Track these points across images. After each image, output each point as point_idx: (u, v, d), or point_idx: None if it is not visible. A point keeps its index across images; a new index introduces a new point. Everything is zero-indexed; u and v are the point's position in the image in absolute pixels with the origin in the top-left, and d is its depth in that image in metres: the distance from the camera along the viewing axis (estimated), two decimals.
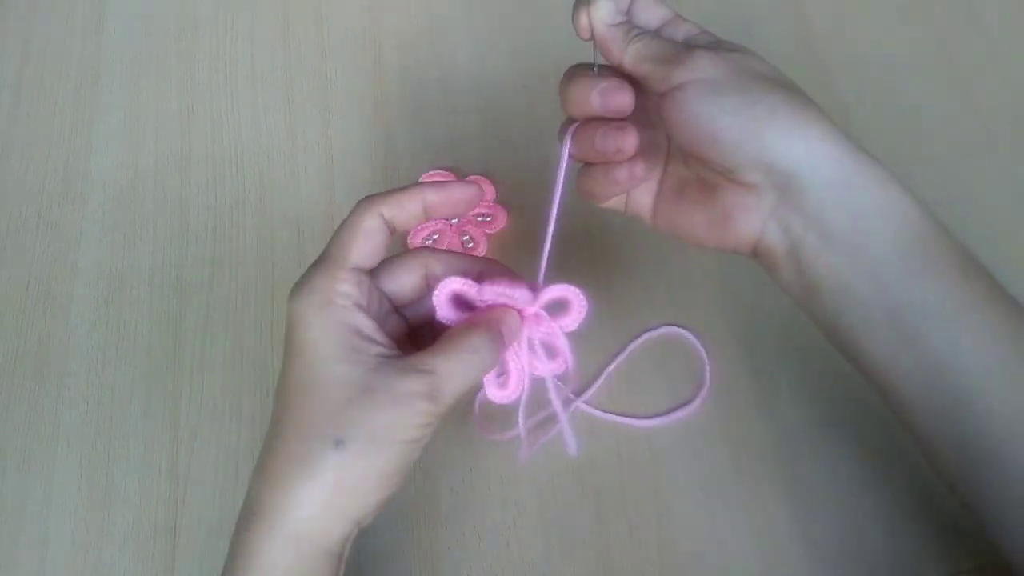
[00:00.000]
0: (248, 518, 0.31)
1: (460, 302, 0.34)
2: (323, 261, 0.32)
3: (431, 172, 0.50)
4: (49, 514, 0.42)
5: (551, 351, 0.36)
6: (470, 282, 0.33)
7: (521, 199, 0.50)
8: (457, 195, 0.35)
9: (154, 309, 0.47)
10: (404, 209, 0.34)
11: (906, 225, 0.32)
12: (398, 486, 0.32)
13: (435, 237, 0.48)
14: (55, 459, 0.43)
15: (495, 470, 0.43)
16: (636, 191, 0.38)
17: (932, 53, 0.56)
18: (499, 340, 0.33)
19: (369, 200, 0.33)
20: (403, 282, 0.35)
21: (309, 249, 0.48)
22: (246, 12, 0.57)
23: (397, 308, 0.35)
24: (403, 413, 0.31)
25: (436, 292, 0.33)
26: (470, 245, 0.48)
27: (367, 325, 0.32)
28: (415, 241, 0.48)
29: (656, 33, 0.37)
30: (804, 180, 0.32)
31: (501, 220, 0.49)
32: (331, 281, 0.32)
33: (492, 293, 0.33)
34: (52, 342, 0.46)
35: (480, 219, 0.49)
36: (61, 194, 0.50)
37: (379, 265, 0.34)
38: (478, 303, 0.33)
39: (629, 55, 0.35)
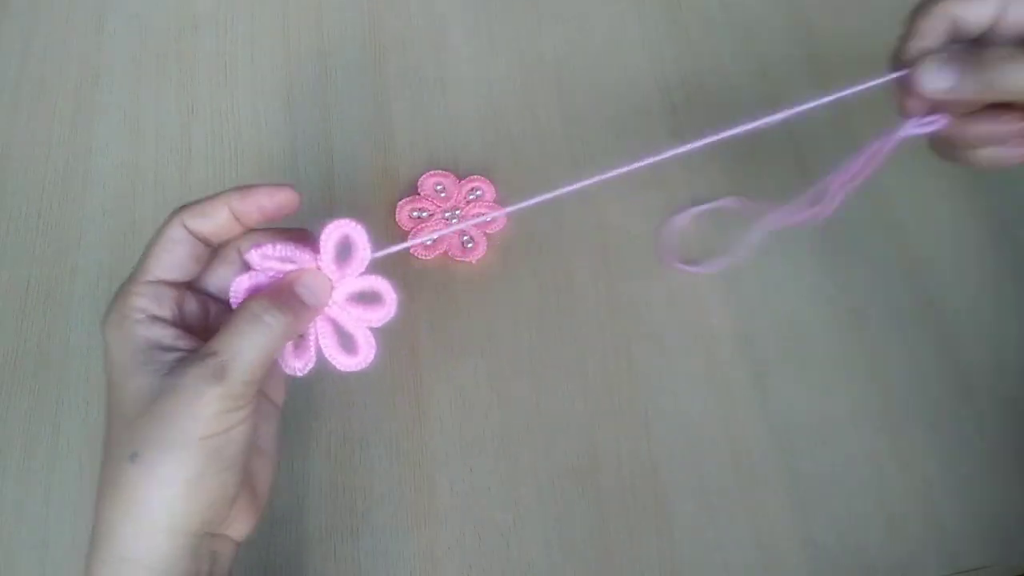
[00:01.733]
0: (91, 543, 0.30)
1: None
2: (127, 279, 0.32)
3: (431, 172, 0.50)
4: (49, 514, 0.42)
5: (350, 344, 0.34)
6: (258, 253, 0.32)
7: (521, 199, 0.50)
8: (264, 200, 0.33)
9: None
10: (209, 218, 0.32)
11: None
12: (229, 484, 0.30)
13: (434, 237, 0.48)
14: (55, 459, 0.43)
15: (495, 470, 0.43)
16: None
17: None
18: (292, 302, 0.31)
19: (175, 211, 0.32)
20: (224, 276, 0.34)
21: None
22: (246, 12, 0.57)
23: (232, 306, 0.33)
24: (191, 407, 0.29)
25: (233, 288, 0.32)
26: (470, 245, 0.48)
27: (166, 335, 0.31)
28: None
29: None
30: None
31: (501, 220, 0.49)
32: (125, 297, 0.31)
33: (271, 258, 0.32)
34: (52, 342, 0.46)
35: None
36: (61, 194, 0.50)
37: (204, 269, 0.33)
38: (258, 269, 0.32)
39: (1008, 92, 0.32)
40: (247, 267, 0.33)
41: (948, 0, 0.34)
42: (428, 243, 0.48)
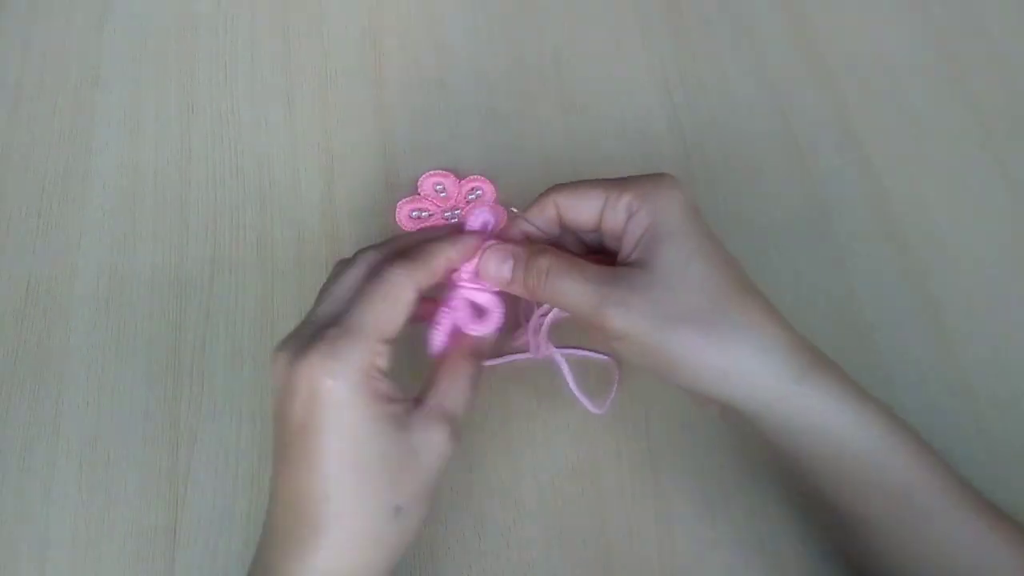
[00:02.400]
0: None
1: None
2: (354, 332, 0.31)
3: (431, 172, 0.50)
4: (49, 514, 0.42)
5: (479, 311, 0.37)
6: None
7: (521, 199, 0.50)
8: (473, 243, 0.36)
9: (154, 309, 0.47)
10: (435, 277, 0.35)
11: (847, 449, 0.33)
12: None
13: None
14: (55, 459, 0.43)
15: (495, 470, 0.43)
16: None
17: (932, 53, 0.56)
18: (477, 358, 0.36)
19: (405, 270, 0.33)
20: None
21: (309, 249, 0.48)
22: (246, 12, 0.57)
23: None
24: (440, 463, 0.33)
25: (437, 337, 0.36)
26: None
27: (392, 387, 0.33)
28: None
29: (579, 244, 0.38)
30: (738, 407, 0.34)
31: (501, 220, 0.49)
32: (365, 354, 0.31)
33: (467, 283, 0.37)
34: (52, 342, 0.46)
35: None
36: (61, 194, 0.50)
37: None
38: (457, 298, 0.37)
39: (545, 300, 0.35)
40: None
41: (555, 193, 0.37)
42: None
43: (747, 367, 0.32)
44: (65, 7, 0.57)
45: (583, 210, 0.36)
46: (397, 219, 0.49)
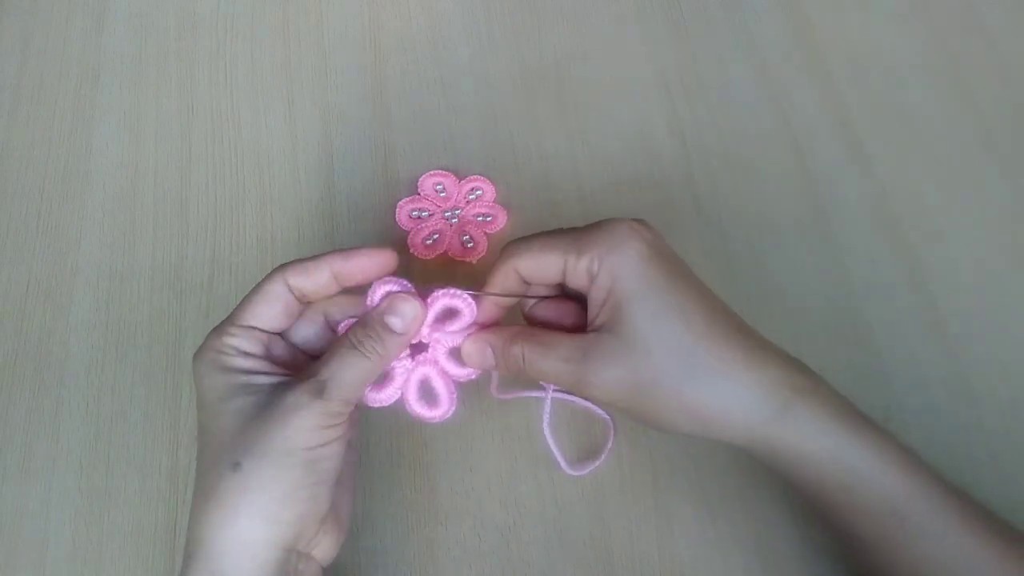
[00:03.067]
0: (183, 561, 0.32)
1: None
2: (222, 322, 0.35)
3: (431, 172, 0.50)
4: (49, 514, 0.42)
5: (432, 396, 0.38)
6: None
7: (521, 199, 0.50)
8: (364, 262, 0.36)
9: (154, 309, 0.47)
10: (311, 277, 0.35)
11: (828, 474, 0.33)
12: (322, 499, 0.32)
13: (435, 237, 0.48)
14: (55, 459, 0.43)
15: (495, 470, 0.43)
16: None
17: (932, 53, 0.56)
18: (385, 330, 0.34)
19: (280, 268, 0.35)
20: (306, 333, 0.37)
21: (309, 249, 0.48)
22: (246, 12, 0.57)
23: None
24: (293, 419, 0.31)
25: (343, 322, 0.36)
26: (470, 245, 0.48)
27: (260, 365, 0.34)
28: (415, 242, 0.48)
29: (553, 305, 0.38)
30: (729, 444, 0.34)
31: (501, 220, 0.49)
32: (220, 336, 0.34)
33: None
34: (52, 342, 0.46)
35: (480, 219, 0.49)
36: (61, 194, 0.50)
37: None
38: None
39: (533, 379, 0.36)
40: (332, 327, 0.37)
41: (513, 258, 0.36)
42: (429, 243, 0.48)
43: (726, 412, 0.33)
44: (65, 7, 0.57)
45: (544, 272, 0.36)
46: (397, 219, 0.49)
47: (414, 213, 0.49)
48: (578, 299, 0.37)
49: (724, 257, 0.48)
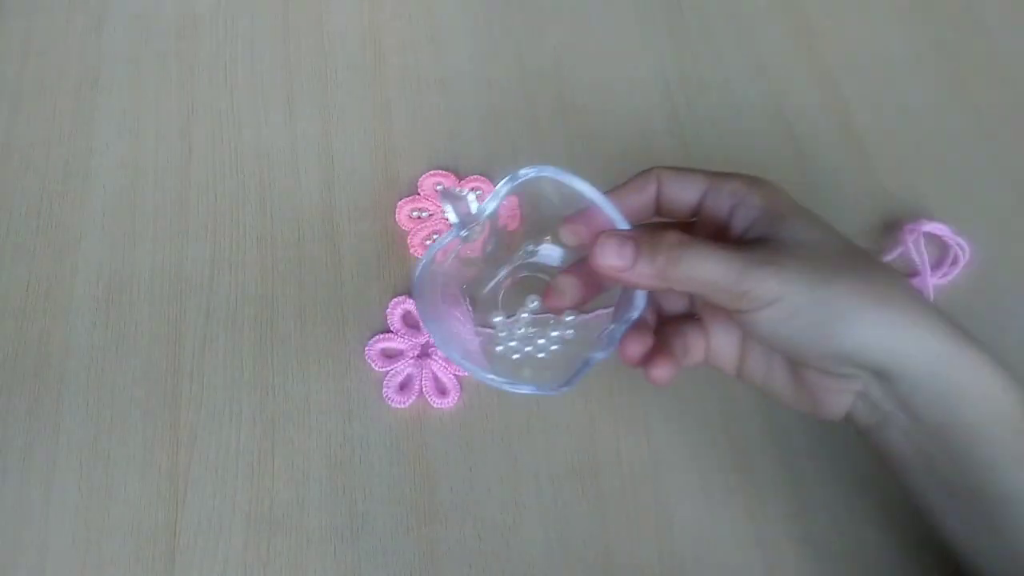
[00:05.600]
0: None
1: None
2: None
3: (431, 172, 0.50)
4: (49, 514, 0.42)
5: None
6: None
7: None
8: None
9: (154, 309, 0.47)
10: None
11: (1002, 420, 0.31)
12: None
13: (435, 237, 0.48)
14: (55, 459, 0.43)
15: (495, 470, 0.43)
16: (717, 343, 0.36)
17: (932, 53, 0.56)
18: None
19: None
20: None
21: (309, 249, 0.48)
22: (246, 12, 0.57)
23: None
24: None
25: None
26: None
27: None
28: (415, 242, 0.48)
29: (700, 218, 0.34)
30: (895, 372, 0.31)
31: (511, 222, 0.49)
32: None
33: None
34: (52, 342, 0.46)
35: None
36: (61, 194, 0.50)
37: None
38: None
39: (676, 280, 0.32)
40: None
41: (661, 170, 0.35)
42: (428, 243, 0.48)
43: (912, 321, 0.30)
44: (65, 7, 0.57)
45: (684, 191, 0.35)
46: (397, 219, 0.49)
47: (414, 213, 0.49)
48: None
49: None
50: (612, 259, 0.32)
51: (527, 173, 0.34)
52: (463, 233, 0.35)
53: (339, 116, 0.53)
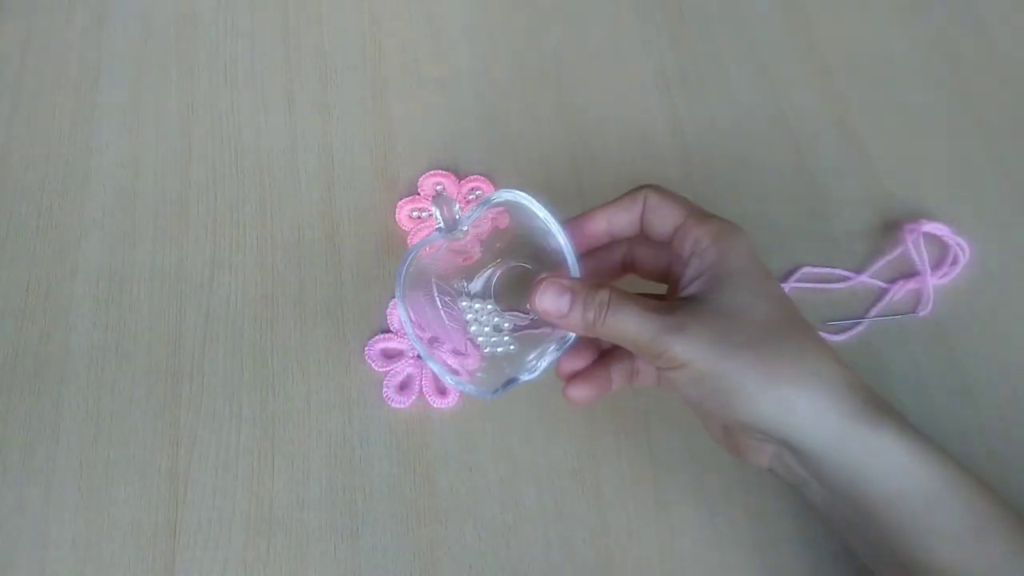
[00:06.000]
0: None
1: None
2: None
3: (431, 172, 0.50)
4: (49, 514, 0.42)
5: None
6: None
7: None
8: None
9: (154, 309, 0.47)
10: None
11: (913, 494, 0.32)
12: None
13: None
14: (55, 459, 0.43)
15: (495, 470, 0.43)
16: (644, 372, 0.39)
17: (932, 53, 0.56)
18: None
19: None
20: None
21: (309, 249, 0.48)
22: (246, 12, 0.57)
23: None
24: None
25: None
26: None
27: None
28: (414, 242, 0.48)
29: (635, 299, 0.35)
30: (800, 448, 0.32)
31: (502, 219, 0.49)
32: None
33: None
34: (52, 342, 0.46)
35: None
36: (61, 194, 0.50)
37: None
38: None
39: (601, 334, 0.34)
40: None
41: (650, 190, 0.37)
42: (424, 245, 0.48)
43: (809, 399, 0.32)
44: (65, 6, 0.57)
45: (663, 219, 0.37)
46: (397, 219, 0.49)
47: (414, 213, 0.49)
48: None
49: None
50: (549, 304, 0.34)
51: (499, 197, 0.37)
52: (448, 235, 0.38)
53: (339, 116, 0.53)
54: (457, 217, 0.38)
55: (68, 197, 0.50)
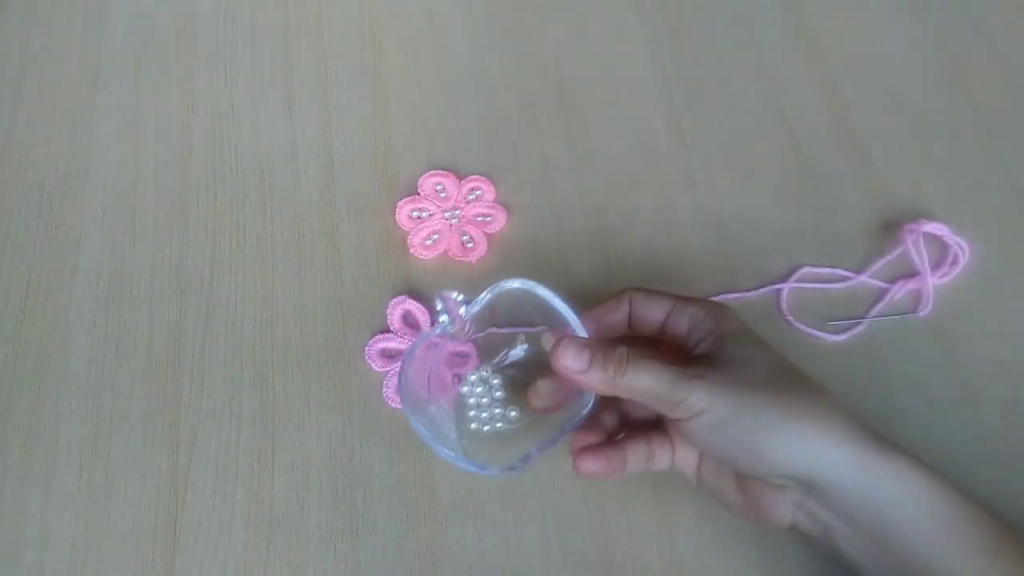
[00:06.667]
0: None
1: None
2: None
3: (431, 172, 0.50)
4: (49, 514, 0.42)
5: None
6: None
7: (521, 199, 0.50)
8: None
9: (154, 309, 0.47)
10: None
11: (931, 516, 0.33)
12: None
13: (435, 237, 0.48)
14: (55, 459, 0.43)
15: None
16: (679, 453, 0.39)
17: (932, 53, 0.56)
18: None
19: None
20: None
21: (309, 249, 0.48)
22: (246, 12, 0.57)
23: None
24: None
25: None
26: (470, 245, 0.48)
27: None
28: (415, 242, 0.48)
29: (653, 344, 0.39)
30: (821, 484, 0.34)
31: (501, 220, 0.49)
32: None
33: None
34: (52, 342, 0.46)
35: (480, 219, 0.49)
36: (61, 194, 0.50)
37: None
38: None
39: (621, 389, 0.36)
40: None
41: (633, 291, 0.40)
42: (428, 243, 0.48)
43: (827, 431, 0.33)
44: (65, 7, 0.57)
45: (651, 312, 0.39)
46: (397, 219, 0.49)
47: (414, 213, 0.49)
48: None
49: (724, 256, 0.48)
50: (570, 361, 0.36)
51: (510, 284, 0.40)
52: (450, 329, 0.40)
53: (339, 116, 0.53)
54: (461, 313, 0.40)
55: (68, 197, 0.50)
